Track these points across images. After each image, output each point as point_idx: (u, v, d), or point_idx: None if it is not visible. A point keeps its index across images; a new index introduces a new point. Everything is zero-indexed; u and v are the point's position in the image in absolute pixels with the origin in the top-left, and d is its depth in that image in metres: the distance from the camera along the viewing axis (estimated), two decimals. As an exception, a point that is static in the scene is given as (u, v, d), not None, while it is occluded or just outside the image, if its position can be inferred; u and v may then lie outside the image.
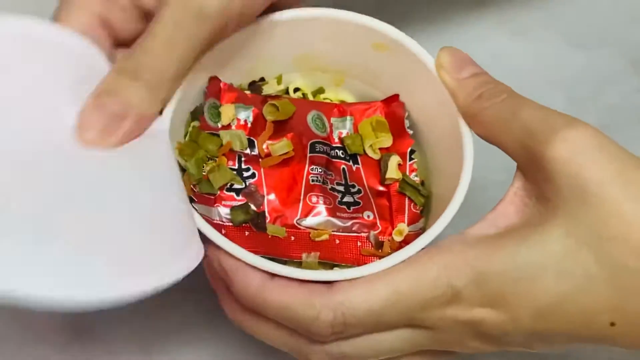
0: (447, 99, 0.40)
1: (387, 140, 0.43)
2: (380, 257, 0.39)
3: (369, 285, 0.34)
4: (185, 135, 0.42)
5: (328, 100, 0.45)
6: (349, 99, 0.45)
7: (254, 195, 0.41)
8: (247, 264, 0.35)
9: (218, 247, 0.36)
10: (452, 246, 0.35)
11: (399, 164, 0.43)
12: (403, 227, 0.42)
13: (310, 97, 0.45)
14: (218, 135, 0.41)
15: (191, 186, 0.40)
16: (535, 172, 0.35)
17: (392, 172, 0.42)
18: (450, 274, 0.34)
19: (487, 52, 0.56)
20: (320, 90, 0.45)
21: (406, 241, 0.41)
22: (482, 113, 0.37)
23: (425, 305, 0.34)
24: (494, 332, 0.35)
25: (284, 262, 0.39)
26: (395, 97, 0.44)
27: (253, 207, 0.40)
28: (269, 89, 0.44)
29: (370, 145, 0.43)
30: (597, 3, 0.58)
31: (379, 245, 0.41)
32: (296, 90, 0.45)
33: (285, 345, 0.37)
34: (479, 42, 0.56)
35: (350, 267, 0.40)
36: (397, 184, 0.43)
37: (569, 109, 0.53)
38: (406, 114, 0.44)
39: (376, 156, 0.43)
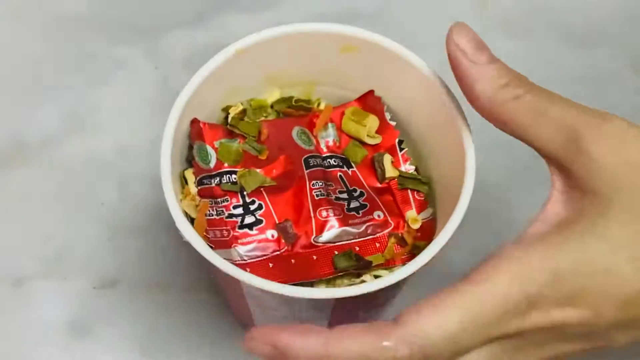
0: (429, 84, 0.40)
1: (374, 120, 0.43)
2: (408, 251, 0.40)
3: (439, 311, 0.32)
4: (183, 188, 0.42)
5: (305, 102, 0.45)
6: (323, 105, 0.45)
7: (287, 230, 0.40)
8: (299, 333, 0.32)
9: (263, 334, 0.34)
10: (512, 253, 0.33)
11: (392, 162, 0.43)
12: (414, 215, 0.42)
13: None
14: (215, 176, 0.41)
15: (204, 232, 0.40)
16: (578, 165, 0.34)
17: (390, 172, 0.42)
18: (520, 281, 0.32)
19: (487, 52, 0.56)
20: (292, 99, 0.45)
21: (423, 228, 0.41)
22: (510, 103, 0.35)
23: (502, 320, 0.32)
24: (578, 331, 0.33)
25: (312, 284, 0.39)
26: (369, 93, 0.44)
27: (356, 255, 0.40)
28: (232, 112, 0.44)
29: (367, 135, 0.43)
30: (597, 3, 0.58)
31: (402, 241, 0.41)
32: (272, 106, 0.45)
33: None
34: (479, 42, 0.56)
35: (378, 270, 0.40)
36: (396, 180, 0.43)
37: (569, 109, 0.54)
38: (385, 107, 0.44)
39: (377, 140, 0.43)
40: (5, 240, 0.50)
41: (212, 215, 0.40)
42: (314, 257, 0.40)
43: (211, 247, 0.39)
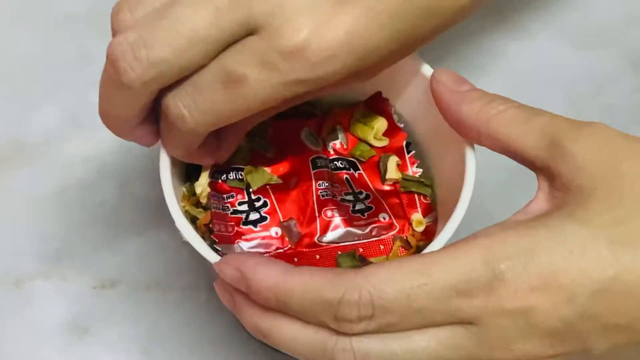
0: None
1: (382, 122, 0.43)
2: (412, 254, 0.40)
3: (398, 267, 0.32)
4: (184, 188, 0.42)
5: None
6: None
7: (291, 229, 0.40)
8: (264, 262, 0.34)
9: (233, 258, 0.35)
10: (488, 231, 0.33)
11: (398, 164, 0.43)
12: (419, 217, 0.41)
13: None
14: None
15: (210, 225, 0.40)
16: (561, 164, 0.34)
17: (392, 173, 0.42)
18: (489, 254, 0.31)
19: (487, 52, 0.56)
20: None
21: (427, 231, 0.41)
22: (497, 116, 0.36)
23: (463, 290, 0.31)
24: (549, 324, 0.32)
25: None
26: (377, 95, 0.44)
27: (355, 254, 0.40)
28: None
29: (374, 137, 0.43)
30: (597, 3, 0.58)
31: (407, 244, 0.41)
32: None
33: (309, 346, 0.33)
34: (480, 42, 0.56)
35: None
36: (399, 184, 0.43)
37: (569, 109, 0.54)
38: (393, 109, 0.44)
39: (383, 143, 0.43)
40: (5, 240, 0.50)
41: (218, 209, 0.40)
42: (317, 257, 0.40)
43: (215, 241, 0.39)
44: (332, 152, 0.43)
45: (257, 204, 0.41)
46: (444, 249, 0.33)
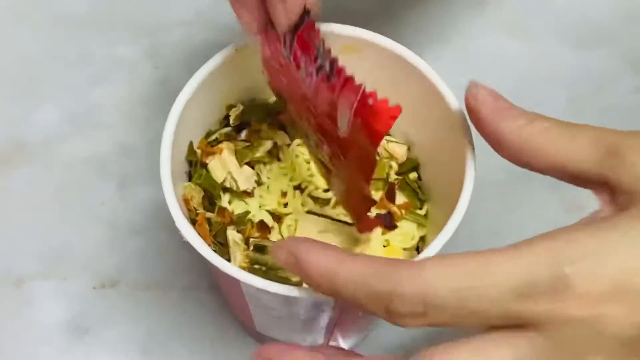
0: (431, 86, 0.40)
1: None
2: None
3: (453, 263, 0.30)
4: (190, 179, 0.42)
5: None
6: None
7: None
8: (319, 246, 0.33)
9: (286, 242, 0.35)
10: (553, 233, 0.31)
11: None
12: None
13: None
14: None
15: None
16: (622, 173, 0.32)
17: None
18: (553, 257, 0.29)
19: (487, 52, 0.56)
20: None
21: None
22: (540, 134, 0.34)
23: (523, 292, 0.29)
24: (621, 330, 0.30)
25: None
26: None
27: None
28: (233, 113, 0.44)
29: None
30: (597, 3, 0.58)
31: None
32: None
33: None
34: (479, 42, 0.56)
35: None
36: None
37: (569, 109, 0.54)
38: None
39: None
40: (6, 240, 0.50)
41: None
42: None
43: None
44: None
45: None
46: (504, 248, 0.31)
